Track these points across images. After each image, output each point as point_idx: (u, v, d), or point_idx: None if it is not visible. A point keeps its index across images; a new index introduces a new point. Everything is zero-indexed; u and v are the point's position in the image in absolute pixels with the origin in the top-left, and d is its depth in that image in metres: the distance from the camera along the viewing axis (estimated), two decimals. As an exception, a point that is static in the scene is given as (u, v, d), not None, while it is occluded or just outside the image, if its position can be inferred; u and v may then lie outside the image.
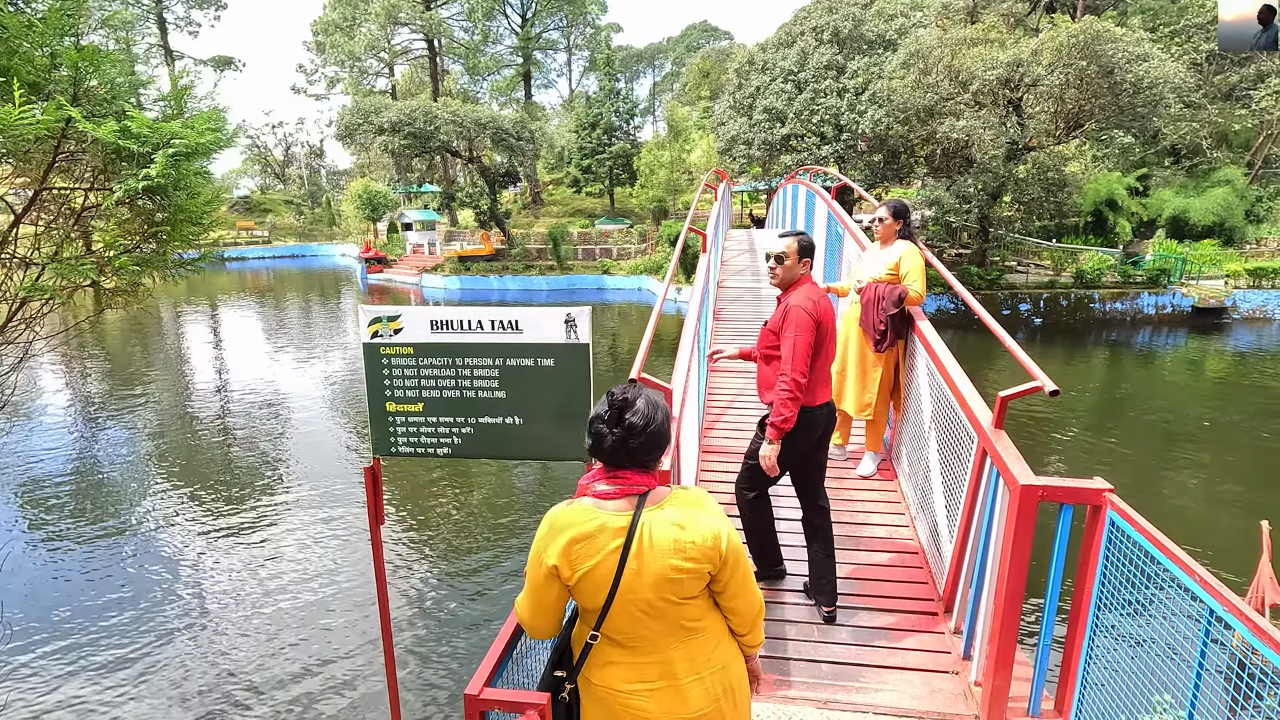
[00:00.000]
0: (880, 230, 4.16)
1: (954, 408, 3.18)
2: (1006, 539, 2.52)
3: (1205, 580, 1.92)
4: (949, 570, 3.13)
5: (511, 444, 2.71)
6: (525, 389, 2.65)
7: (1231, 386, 15.32)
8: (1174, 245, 24.20)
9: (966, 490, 2.96)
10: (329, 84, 52.59)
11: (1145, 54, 18.67)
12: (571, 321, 2.57)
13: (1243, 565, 7.12)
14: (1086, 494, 2.40)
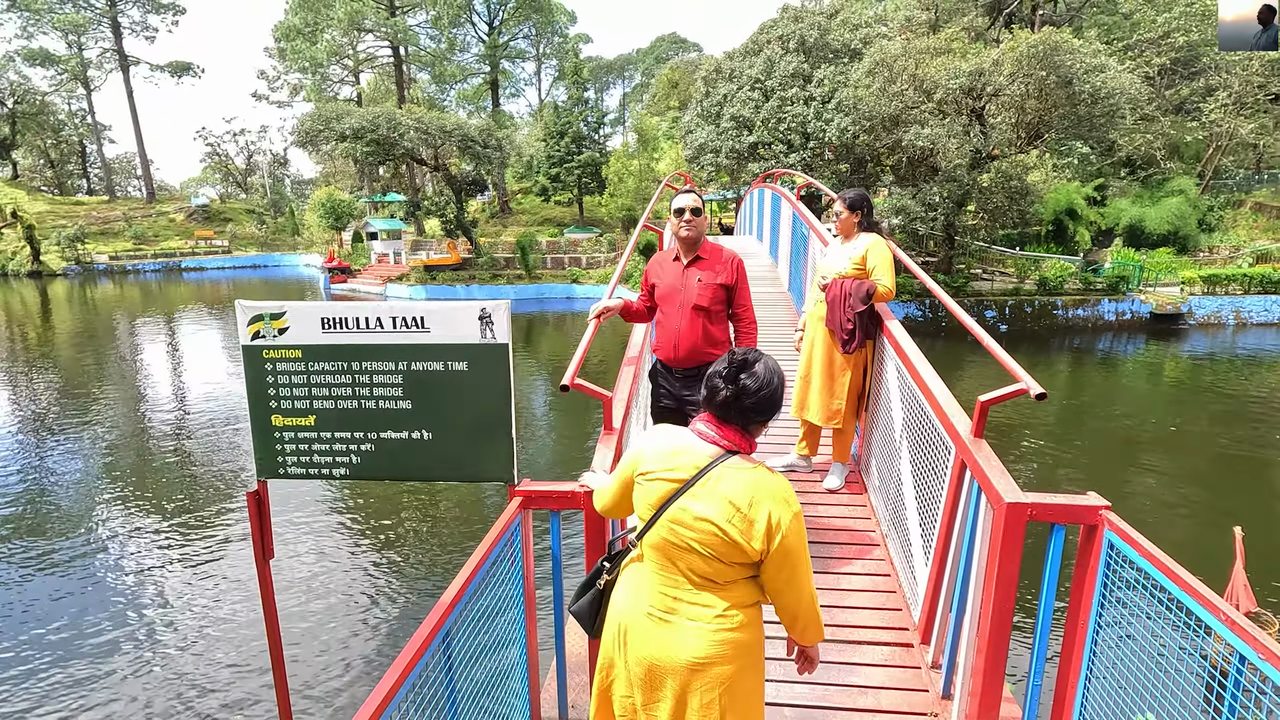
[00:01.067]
0: (840, 224, 3.87)
1: (928, 415, 2.87)
2: (990, 563, 2.20)
3: (1225, 614, 1.61)
4: (925, 596, 2.81)
5: (420, 463, 2.32)
6: (435, 398, 2.26)
7: (1191, 391, 15.49)
8: (1131, 253, 24.67)
9: (944, 507, 2.64)
10: (292, 91, 51.57)
11: (1102, 65, 18.99)
12: (487, 318, 2.20)
13: (1212, 569, 6.99)
14: (1081, 512, 2.09)
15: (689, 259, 3.19)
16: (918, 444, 3.04)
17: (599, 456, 2.42)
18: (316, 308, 2.22)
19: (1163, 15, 28.61)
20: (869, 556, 3.40)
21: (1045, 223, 26.44)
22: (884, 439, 3.63)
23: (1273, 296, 21.98)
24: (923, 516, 2.97)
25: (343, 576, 7.40)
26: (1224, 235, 27.23)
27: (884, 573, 3.29)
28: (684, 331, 3.10)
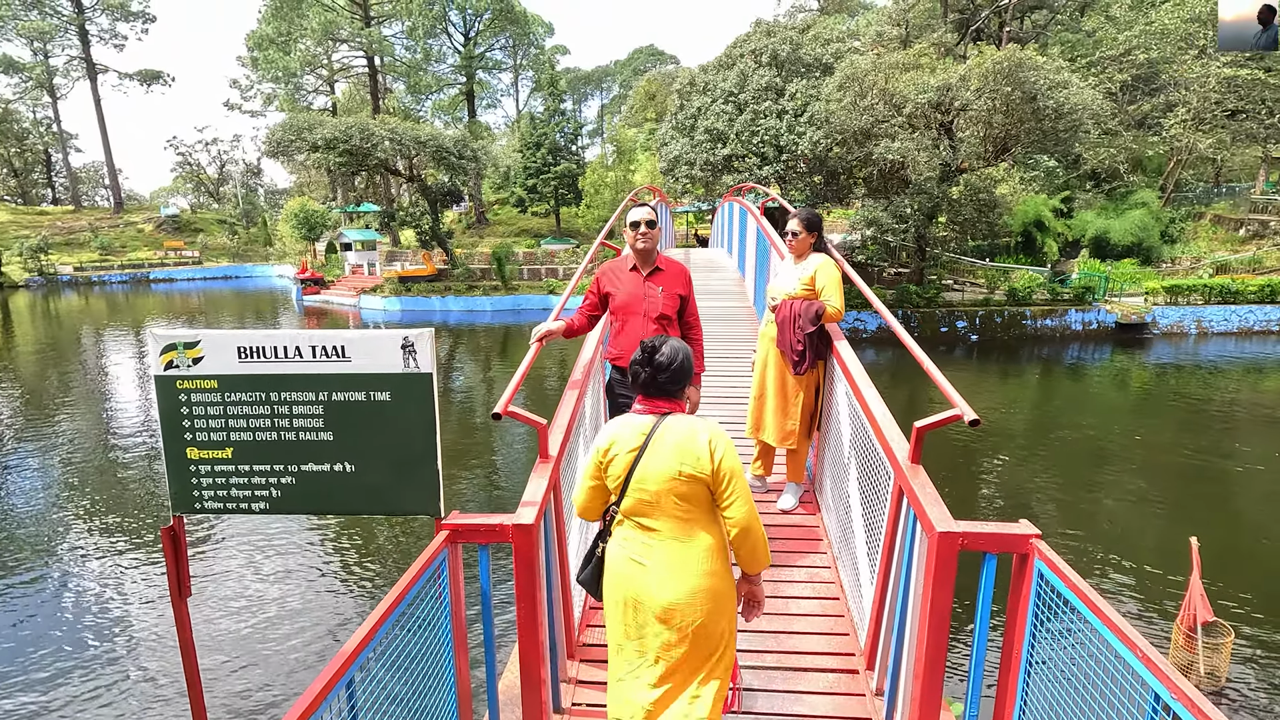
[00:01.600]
0: (795, 244, 3.86)
1: (872, 438, 2.85)
2: (925, 592, 2.17)
3: (1143, 652, 1.60)
4: (870, 621, 2.78)
5: (343, 496, 2.24)
6: (357, 429, 2.19)
7: (1155, 400, 15.80)
8: (1097, 264, 25.19)
9: (885, 532, 2.62)
10: (265, 100, 50.97)
11: (1065, 81, 19.43)
12: (410, 347, 2.14)
13: (1174, 578, 7.09)
14: (1012, 541, 2.08)
15: (648, 270, 3.35)
16: (864, 467, 3.02)
17: (532, 487, 2.36)
18: (232, 336, 2.14)
19: (1124, 33, 29.42)
20: (819, 580, 3.37)
21: (1014, 234, 26.93)
22: (835, 459, 3.61)
23: (1232, 306, 22.55)
24: (869, 539, 2.95)
25: (269, 615, 7.00)
26: (1185, 247, 27.94)
27: (833, 595, 3.26)
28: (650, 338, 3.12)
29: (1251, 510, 9.70)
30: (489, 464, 11.65)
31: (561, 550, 2.62)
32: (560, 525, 2.62)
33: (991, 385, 17.08)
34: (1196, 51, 27.31)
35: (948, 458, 11.44)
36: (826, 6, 45.90)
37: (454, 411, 15.32)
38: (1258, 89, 26.96)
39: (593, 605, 3.23)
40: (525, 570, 2.20)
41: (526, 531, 2.16)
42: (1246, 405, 15.08)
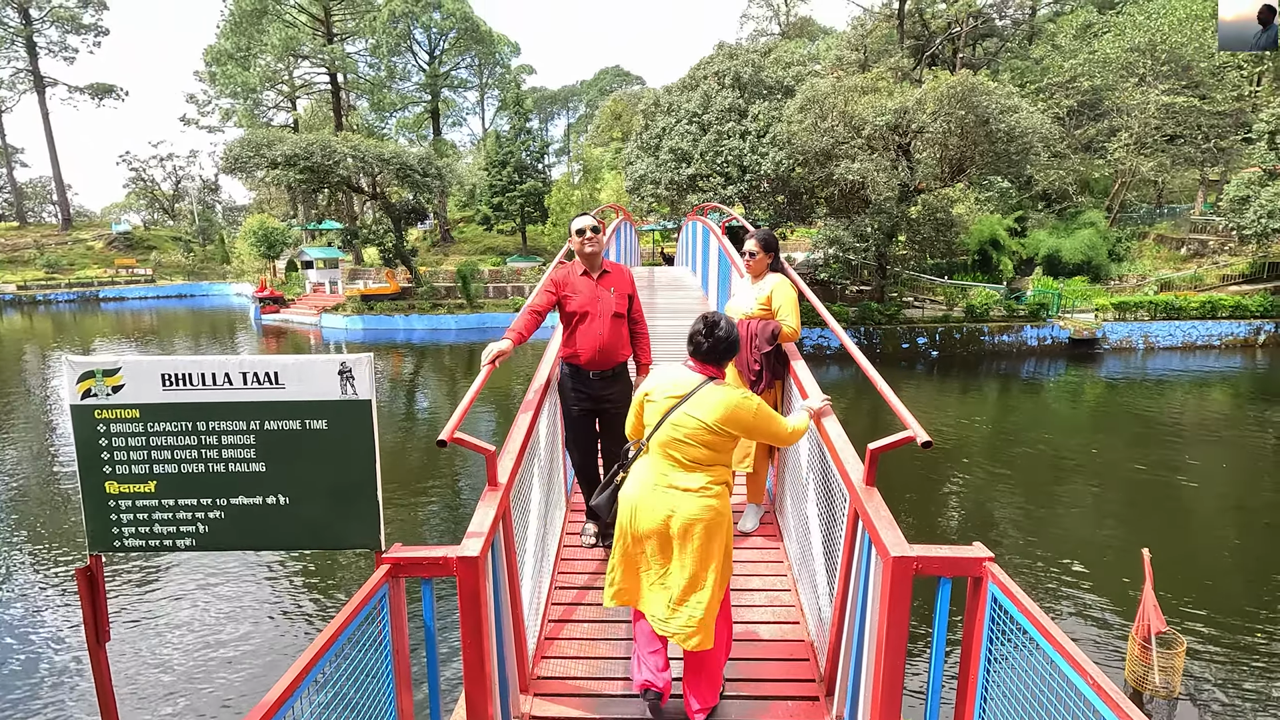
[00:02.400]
0: (752, 264, 3.86)
1: (828, 459, 2.83)
2: (882, 618, 2.14)
3: (1092, 678, 1.58)
4: (829, 647, 2.74)
5: (276, 530, 2.12)
6: (291, 459, 2.08)
7: (1107, 414, 16.27)
8: (1050, 281, 26.00)
9: (842, 555, 2.59)
10: (223, 116, 49.97)
11: (1015, 106, 20.15)
12: (347, 373, 2.04)
13: (1133, 590, 7.23)
14: (966, 564, 2.06)
15: (597, 274, 3.63)
16: (821, 489, 3.00)
17: (479, 516, 2.28)
18: (156, 363, 2.02)
19: (1069, 61, 30.72)
20: (779, 603, 3.33)
21: (971, 253, 27.70)
22: (794, 481, 3.59)
23: (1176, 322, 23.45)
24: (828, 562, 2.92)
25: (198, 660, 6.58)
26: (1131, 265, 29.04)
27: (793, 620, 3.21)
28: (606, 337, 3.56)
29: (1201, 522, 9.99)
30: (453, 490, 11.40)
31: (512, 581, 2.53)
32: (511, 556, 2.53)
33: (952, 401, 17.40)
34: (1137, 80, 28.63)
35: (912, 473, 11.57)
36: (788, 31, 47.03)
37: (417, 434, 15.01)
38: (1193, 115, 28.33)
39: (548, 636, 3.13)
40: (470, 604, 2.10)
41: (471, 564, 2.08)
42: (1193, 419, 15.63)
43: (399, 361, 24.51)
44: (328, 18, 42.43)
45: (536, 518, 3.16)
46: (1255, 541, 9.16)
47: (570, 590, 3.43)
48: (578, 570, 3.58)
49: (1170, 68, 28.07)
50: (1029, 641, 1.83)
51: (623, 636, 3.11)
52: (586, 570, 3.58)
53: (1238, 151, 30.09)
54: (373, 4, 42.37)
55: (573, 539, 3.86)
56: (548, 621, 3.21)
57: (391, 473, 12.06)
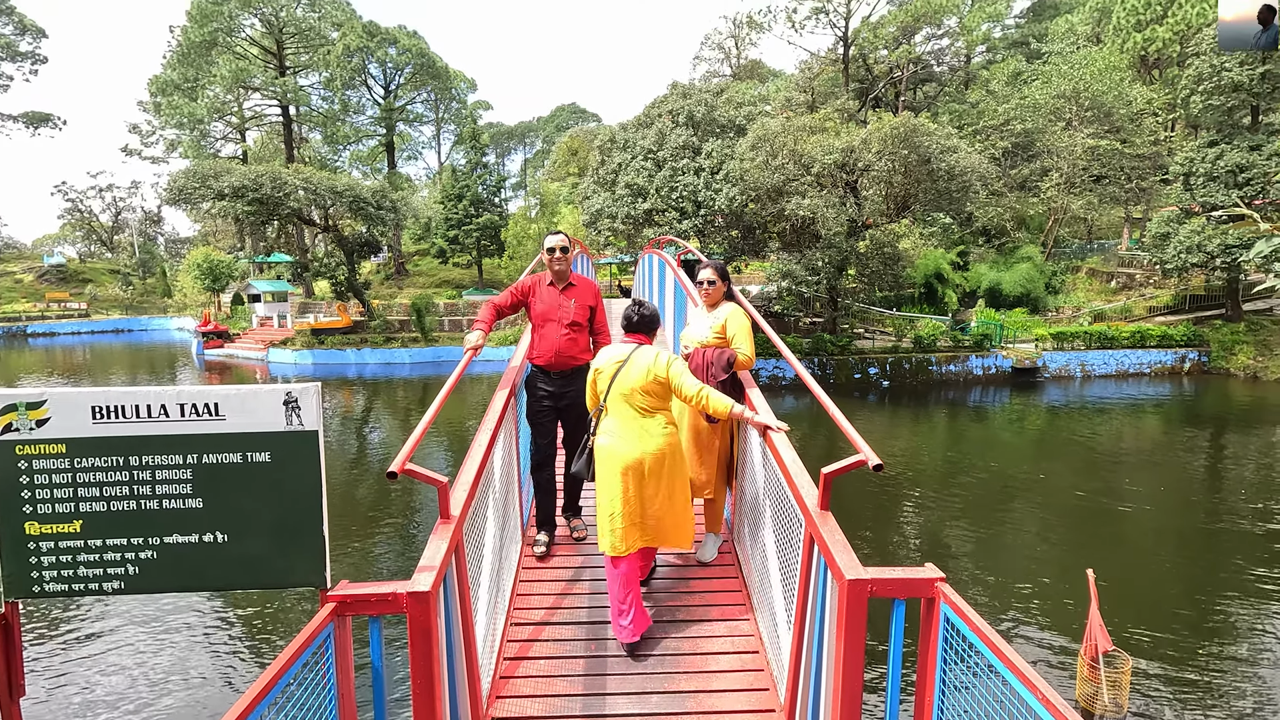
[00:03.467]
0: (710, 293, 3.92)
1: (784, 485, 2.85)
2: (838, 641, 2.14)
3: (1044, 695, 1.61)
4: (788, 674, 2.72)
5: (214, 570, 2.02)
6: (232, 495, 2.00)
7: (1051, 442, 16.87)
8: (992, 313, 27.09)
9: (799, 580, 2.59)
10: (168, 147, 48.71)
11: (954, 146, 21.17)
12: (293, 403, 1.98)
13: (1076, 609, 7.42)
14: (918, 585, 2.09)
15: (563, 286, 4.07)
16: (778, 515, 3.02)
17: (430, 550, 2.21)
18: (85, 394, 1.93)
19: (1002, 106, 32.54)
20: (738, 633, 3.30)
21: (917, 286, 28.71)
22: (751, 508, 3.60)
23: (1110, 351, 24.64)
24: (785, 589, 2.92)
25: (125, 713, 6.13)
26: (1067, 297, 30.51)
27: (752, 649, 3.19)
28: (562, 342, 3.99)
29: (1140, 543, 10.37)
30: (407, 528, 11.05)
31: (466, 618, 2.45)
32: (464, 591, 2.46)
33: (904, 429, 17.81)
34: (1064, 124, 30.48)
35: (868, 501, 11.74)
36: (739, 73, 48.64)
37: (370, 470, 14.58)
38: (1116, 158, 30.27)
39: (503, 675, 3.03)
40: (422, 642, 2.03)
41: (422, 600, 2.01)
42: (1130, 444, 16.33)
43: (350, 396, 23.88)
44: (280, 51, 42.09)
45: (491, 551, 3.09)
46: (1190, 561, 9.55)
47: (526, 626, 3.34)
48: (534, 605, 3.50)
49: (1093, 113, 29.99)
50: (983, 661, 1.86)
51: (579, 673, 3.03)
52: (543, 605, 3.50)
53: (1157, 191, 32.17)
54: (327, 39, 42.25)
55: (529, 574, 3.78)
56: (503, 659, 3.11)
57: (343, 511, 11.64)
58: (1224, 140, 23.79)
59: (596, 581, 3.70)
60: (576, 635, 3.28)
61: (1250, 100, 23.42)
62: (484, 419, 3.15)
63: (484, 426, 3.08)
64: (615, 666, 3.07)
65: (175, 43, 41.42)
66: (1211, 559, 9.52)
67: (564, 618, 3.40)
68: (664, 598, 3.55)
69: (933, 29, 36.76)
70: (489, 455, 2.95)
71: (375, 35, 42.83)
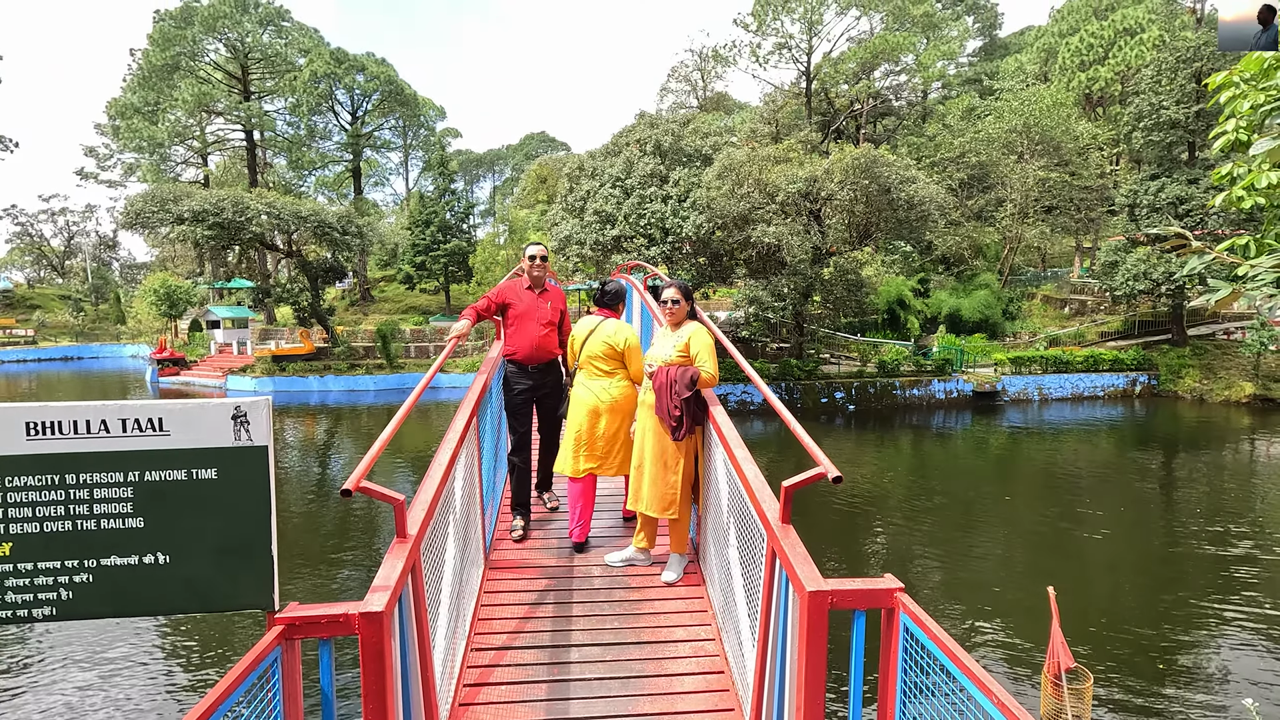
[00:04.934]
0: (674, 313, 3.96)
1: (746, 501, 2.86)
2: (800, 654, 2.13)
3: (1000, 700, 1.62)
4: (753, 692, 2.70)
5: (153, 593, 1.93)
6: (175, 514, 1.92)
7: (1010, 463, 17.23)
8: (953, 339, 27.77)
9: (762, 596, 2.58)
10: (126, 171, 47.67)
11: (913, 177, 21.87)
12: (242, 417, 1.93)
13: (1040, 627, 7.52)
14: (878, 596, 2.10)
15: (539, 291, 4.63)
16: (742, 531, 3.01)
17: (385, 569, 2.15)
18: (19, 410, 1.85)
19: (958, 139, 33.80)
20: (703, 654, 3.27)
21: (880, 312, 29.33)
22: (715, 526, 3.59)
23: (1065, 375, 25.40)
24: (750, 607, 2.90)
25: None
26: (1023, 323, 31.47)
27: (718, 669, 3.16)
28: (539, 339, 4.51)
29: (1097, 562, 10.59)
30: (369, 557, 10.75)
31: (422, 642, 2.38)
32: (421, 613, 2.39)
33: (870, 452, 18.03)
34: (1016, 156, 31.75)
35: (832, 524, 11.80)
36: (705, 105, 49.69)
37: (331, 498, 14.18)
38: (1065, 189, 31.57)
39: (463, 702, 2.94)
40: (374, 665, 1.96)
41: (376, 621, 1.94)
42: (1086, 466, 16.75)
43: (313, 424, 23.31)
44: (245, 75, 41.77)
45: (452, 573, 3.01)
46: (1148, 584, 9.77)
47: (488, 652, 3.26)
48: (496, 630, 3.42)
49: (1043, 147, 31.32)
50: (943, 671, 1.87)
51: (542, 698, 2.96)
52: (505, 629, 3.42)
53: (1105, 221, 33.60)
54: (293, 64, 42.08)
55: (491, 598, 3.70)
56: (462, 686, 3.02)
57: (303, 539, 11.30)
58: (1165, 174, 25.02)
59: (561, 604, 3.63)
60: (539, 659, 3.20)
61: (1187, 136, 24.72)
62: (445, 437, 3.10)
63: (445, 444, 3.03)
64: (579, 690, 3.00)
65: (136, 66, 40.83)
66: (1168, 581, 9.76)
67: (526, 642, 3.33)
68: (629, 619, 3.50)
69: (891, 65, 38.18)
70: (449, 473, 2.89)
71: (343, 62, 42.80)
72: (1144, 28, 33.49)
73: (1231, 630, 8.07)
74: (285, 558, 10.23)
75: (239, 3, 39.33)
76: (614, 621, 3.48)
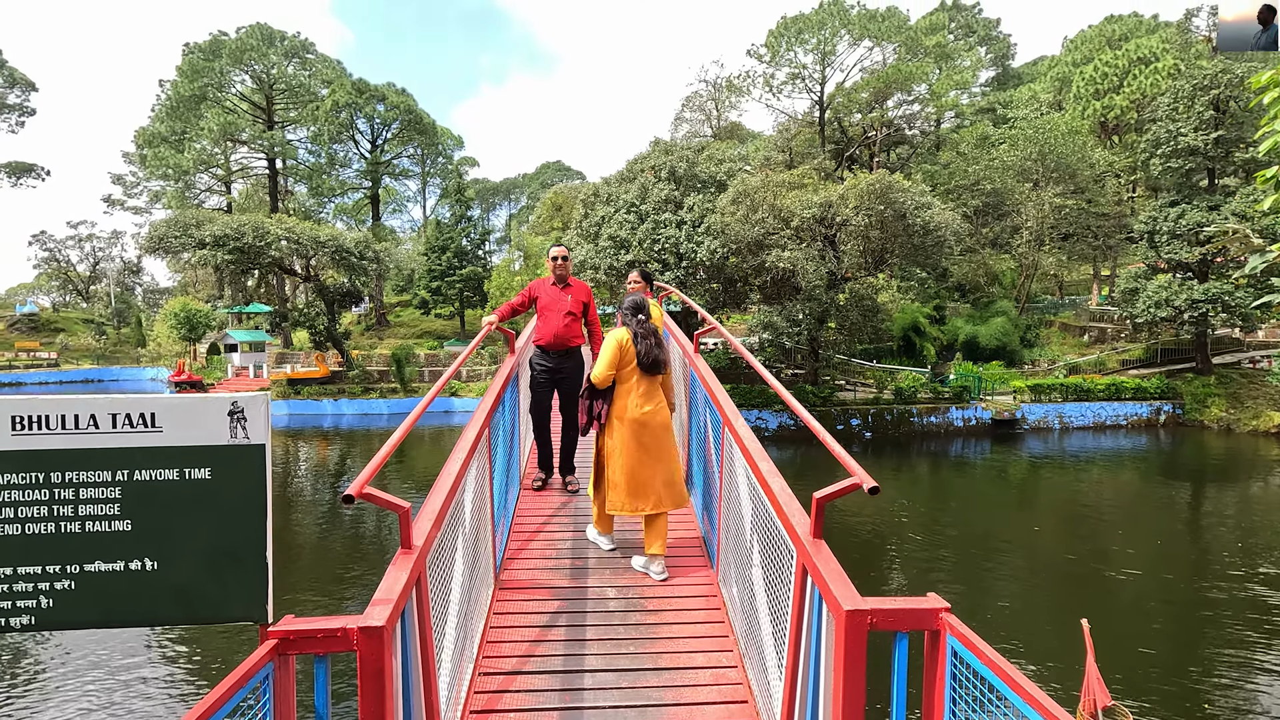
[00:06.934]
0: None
1: (772, 517, 2.69)
2: (836, 680, 1.95)
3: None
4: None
5: (140, 602, 1.80)
6: (164, 516, 1.80)
7: (1033, 494, 16.79)
8: (970, 366, 27.39)
9: (790, 617, 2.40)
10: (152, 198, 48.76)
11: (928, 203, 21.77)
12: (239, 413, 1.81)
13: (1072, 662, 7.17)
14: (922, 616, 1.92)
15: (562, 286, 5.16)
16: (767, 549, 2.84)
17: (388, 581, 2.00)
18: (5, 403, 1.74)
19: (972, 166, 33.77)
20: (725, 682, 3.07)
21: (895, 339, 29.04)
22: (737, 547, 3.41)
23: (1086, 403, 24.90)
24: (775, 629, 2.72)
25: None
26: (1041, 350, 31.02)
27: (741, 699, 2.95)
28: (559, 328, 5.02)
29: (1127, 604, 10.17)
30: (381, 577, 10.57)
31: (427, 661, 2.22)
32: (426, 630, 2.23)
33: (887, 481, 17.65)
34: (1031, 184, 31.63)
35: (847, 556, 11.47)
36: (719, 134, 50.16)
37: (343, 522, 14.05)
38: (1082, 216, 31.35)
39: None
40: (373, 684, 1.80)
41: (376, 636, 1.80)
42: (1110, 497, 16.28)
43: (325, 447, 23.29)
44: (269, 105, 42.80)
45: (460, 591, 2.86)
46: (1179, 624, 9.35)
47: (496, 677, 3.08)
48: (506, 654, 3.24)
49: (1059, 174, 31.19)
50: (999, 701, 1.69)
51: (554, 726, 2.78)
52: (516, 654, 3.24)
53: (1122, 249, 33.25)
54: (316, 95, 43.08)
55: (500, 619, 3.52)
56: (469, 713, 2.84)
57: (312, 561, 11.15)
58: (1184, 200, 24.76)
59: (574, 627, 3.45)
60: (550, 685, 3.02)
61: (1206, 163, 24.50)
62: (456, 446, 2.97)
63: (455, 453, 2.90)
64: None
65: (164, 96, 41.98)
66: (1200, 622, 9.32)
67: (537, 667, 3.15)
68: (646, 644, 3.31)
69: (904, 95, 38.38)
70: (459, 483, 2.75)
71: (364, 92, 43.77)
72: (1158, 56, 33.51)
73: (1274, 673, 7.66)
74: (295, 577, 10.08)
75: (265, 36, 40.50)
76: (630, 646, 3.29)
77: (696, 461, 4.94)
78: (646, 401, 3.94)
